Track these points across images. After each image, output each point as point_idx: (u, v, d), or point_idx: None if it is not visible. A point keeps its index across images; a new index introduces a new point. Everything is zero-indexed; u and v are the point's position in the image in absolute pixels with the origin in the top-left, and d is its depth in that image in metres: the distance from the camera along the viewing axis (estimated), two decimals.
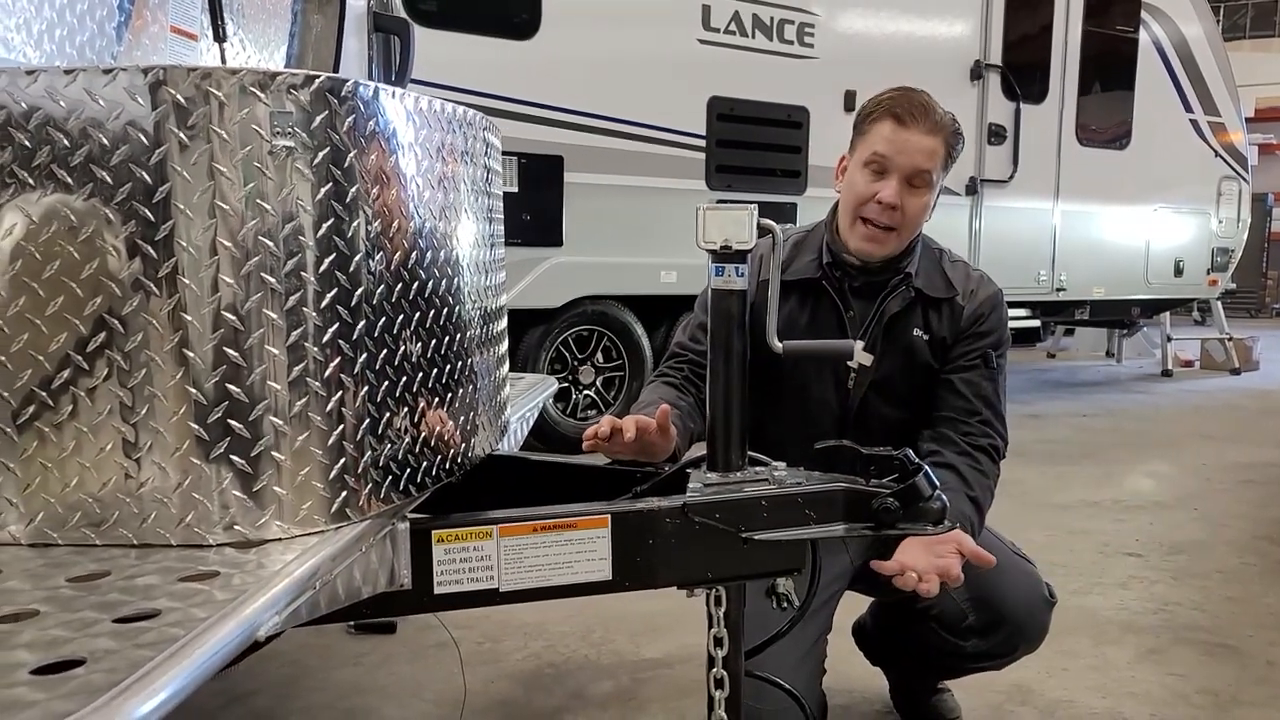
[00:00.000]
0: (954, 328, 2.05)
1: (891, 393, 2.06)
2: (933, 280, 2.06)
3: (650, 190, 5.55)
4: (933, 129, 1.92)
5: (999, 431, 2.02)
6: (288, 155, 1.12)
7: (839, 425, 2.04)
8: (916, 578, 1.60)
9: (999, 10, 6.98)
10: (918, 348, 2.04)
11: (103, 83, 1.06)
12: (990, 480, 1.97)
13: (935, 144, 1.92)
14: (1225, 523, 4.28)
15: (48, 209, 1.07)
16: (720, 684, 1.49)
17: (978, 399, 2.01)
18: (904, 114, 1.90)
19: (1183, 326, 12.22)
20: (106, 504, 1.11)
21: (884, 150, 1.91)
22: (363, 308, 1.19)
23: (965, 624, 1.96)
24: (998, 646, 1.98)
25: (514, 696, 2.50)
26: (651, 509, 1.39)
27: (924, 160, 1.91)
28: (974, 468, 1.94)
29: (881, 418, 2.06)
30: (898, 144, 1.90)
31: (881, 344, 2.03)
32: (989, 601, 1.94)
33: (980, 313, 2.06)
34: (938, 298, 2.04)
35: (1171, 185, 8.38)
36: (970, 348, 2.04)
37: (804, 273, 2.05)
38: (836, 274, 2.05)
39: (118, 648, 0.81)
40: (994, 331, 2.06)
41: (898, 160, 1.91)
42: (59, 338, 1.08)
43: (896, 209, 1.92)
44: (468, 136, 1.45)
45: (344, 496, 1.19)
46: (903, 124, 1.90)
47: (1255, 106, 19.47)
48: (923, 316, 2.04)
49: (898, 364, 2.04)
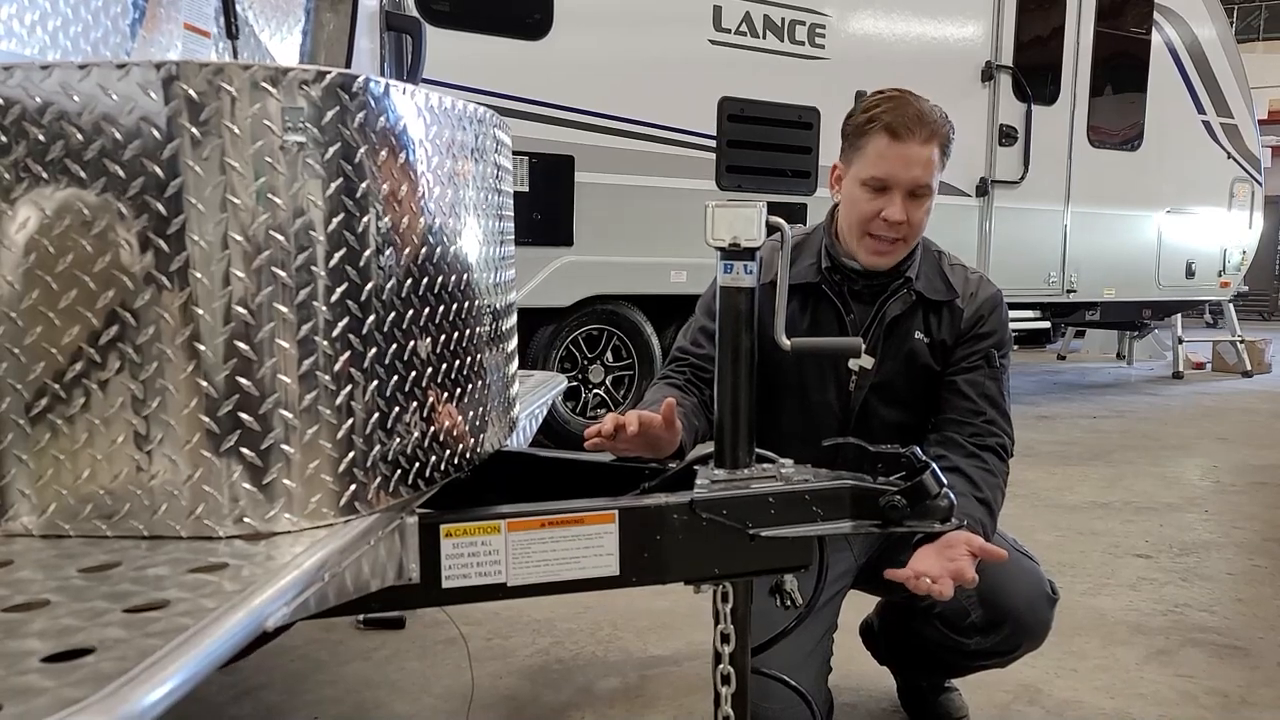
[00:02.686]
0: (955, 330, 2.05)
1: (892, 395, 2.06)
2: (933, 283, 2.06)
3: (661, 190, 5.55)
4: (928, 137, 1.89)
5: (1005, 430, 2.02)
6: (299, 150, 1.13)
7: (841, 428, 2.04)
8: (930, 582, 1.59)
9: (1010, 11, 6.95)
10: (918, 350, 2.04)
11: (116, 78, 1.07)
12: (999, 479, 1.96)
13: (931, 151, 1.90)
14: (1236, 524, 4.26)
15: (61, 203, 1.08)
16: (727, 680, 1.49)
17: (982, 399, 2.02)
18: (899, 127, 1.87)
19: (1194, 329, 12.19)
20: (118, 496, 1.12)
21: (883, 173, 1.90)
22: (372, 302, 1.20)
23: (968, 621, 1.96)
24: (1001, 644, 1.98)
25: (522, 692, 2.51)
26: (659, 505, 1.40)
27: (922, 173, 1.90)
28: (982, 468, 1.94)
29: (882, 420, 2.06)
30: (896, 162, 1.89)
31: (882, 347, 2.03)
32: (992, 598, 1.94)
33: (980, 314, 2.06)
34: (938, 300, 2.05)
35: (1183, 187, 8.33)
36: (972, 349, 2.04)
37: (804, 277, 2.04)
38: (836, 278, 2.05)
39: (127, 637, 0.82)
40: (995, 332, 2.06)
41: (899, 178, 1.90)
42: (72, 331, 1.09)
43: (903, 223, 1.93)
44: (478, 133, 1.46)
45: (353, 490, 1.19)
46: (899, 138, 1.88)
47: (1269, 108, 19.38)
48: (923, 319, 2.05)
49: (899, 367, 2.04)
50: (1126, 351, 11.08)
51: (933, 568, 1.61)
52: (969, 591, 1.85)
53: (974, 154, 6.94)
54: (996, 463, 1.97)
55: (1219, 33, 8.43)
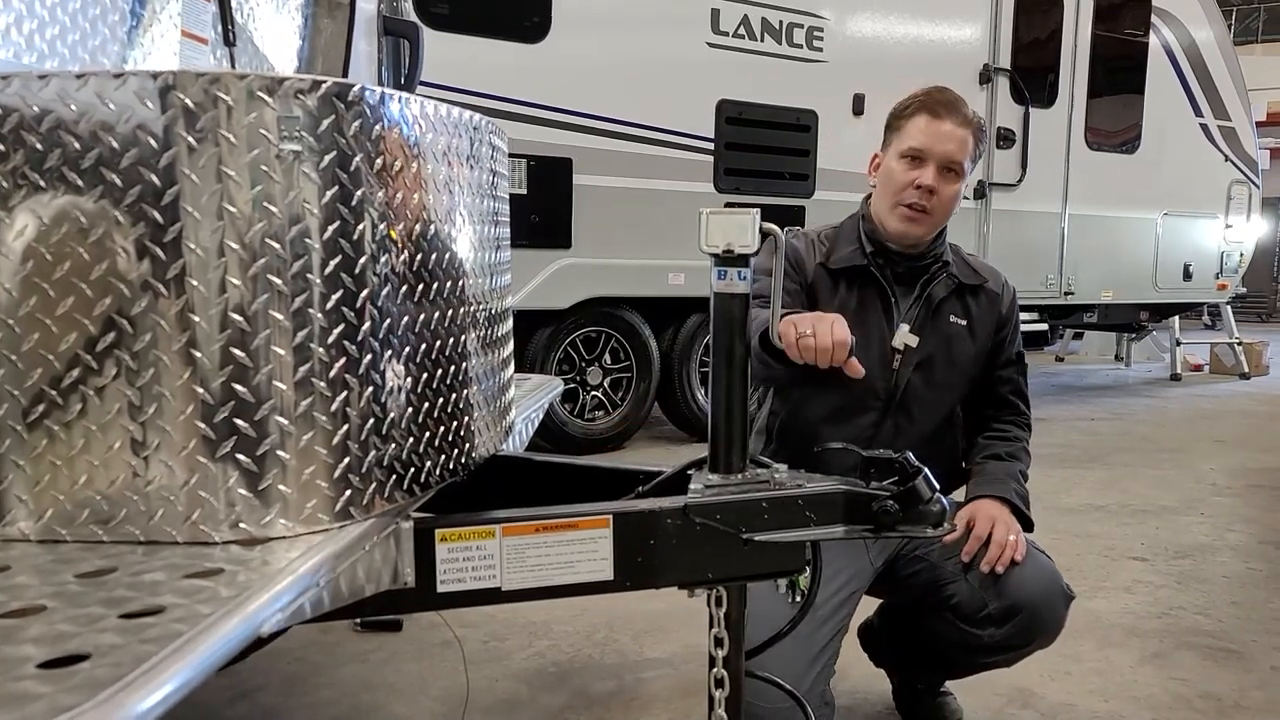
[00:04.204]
0: (995, 316, 2.23)
1: (931, 375, 2.17)
2: (963, 269, 2.21)
3: (659, 193, 5.56)
4: (964, 122, 2.06)
5: (1029, 409, 2.32)
6: (295, 159, 1.13)
7: (883, 407, 2.14)
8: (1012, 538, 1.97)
9: (1008, 14, 6.97)
10: (956, 331, 2.19)
11: (113, 87, 1.08)
12: (1029, 456, 2.26)
13: (966, 135, 2.06)
14: (1232, 527, 4.27)
15: (58, 211, 1.09)
16: (720, 684, 1.50)
17: (1016, 395, 2.29)
18: (937, 107, 2.05)
19: (1193, 331, 12.20)
20: (114, 501, 1.12)
21: (920, 143, 2.05)
22: (368, 309, 1.21)
23: (984, 613, 1.98)
24: (1014, 637, 1.99)
25: (518, 695, 2.52)
26: (653, 509, 1.41)
27: (956, 150, 2.05)
28: (1023, 449, 2.24)
29: (921, 400, 2.16)
30: (932, 135, 2.05)
31: (928, 327, 2.15)
32: (1008, 589, 1.98)
33: (1013, 310, 2.28)
34: (974, 284, 2.21)
35: (1181, 189, 8.35)
36: (1008, 349, 2.27)
37: (850, 260, 2.15)
38: (880, 260, 2.16)
39: (123, 643, 0.83)
40: (1017, 325, 2.31)
41: (934, 150, 2.04)
42: (69, 337, 1.10)
43: (934, 192, 2.05)
44: (473, 140, 1.46)
45: (348, 495, 1.20)
46: (937, 116, 2.05)
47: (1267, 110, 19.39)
48: (961, 303, 2.20)
49: (940, 347, 2.16)
50: (1125, 353, 11.09)
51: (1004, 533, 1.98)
52: (987, 583, 1.97)
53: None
54: (1028, 437, 2.28)
55: (1216, 35, 8.45)
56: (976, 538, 2.00)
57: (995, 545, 1.98)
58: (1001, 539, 1.98)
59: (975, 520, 2.02)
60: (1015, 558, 1.97)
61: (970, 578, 2.00)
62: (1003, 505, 2.06)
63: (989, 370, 2.25)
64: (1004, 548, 1.97)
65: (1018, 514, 2.07)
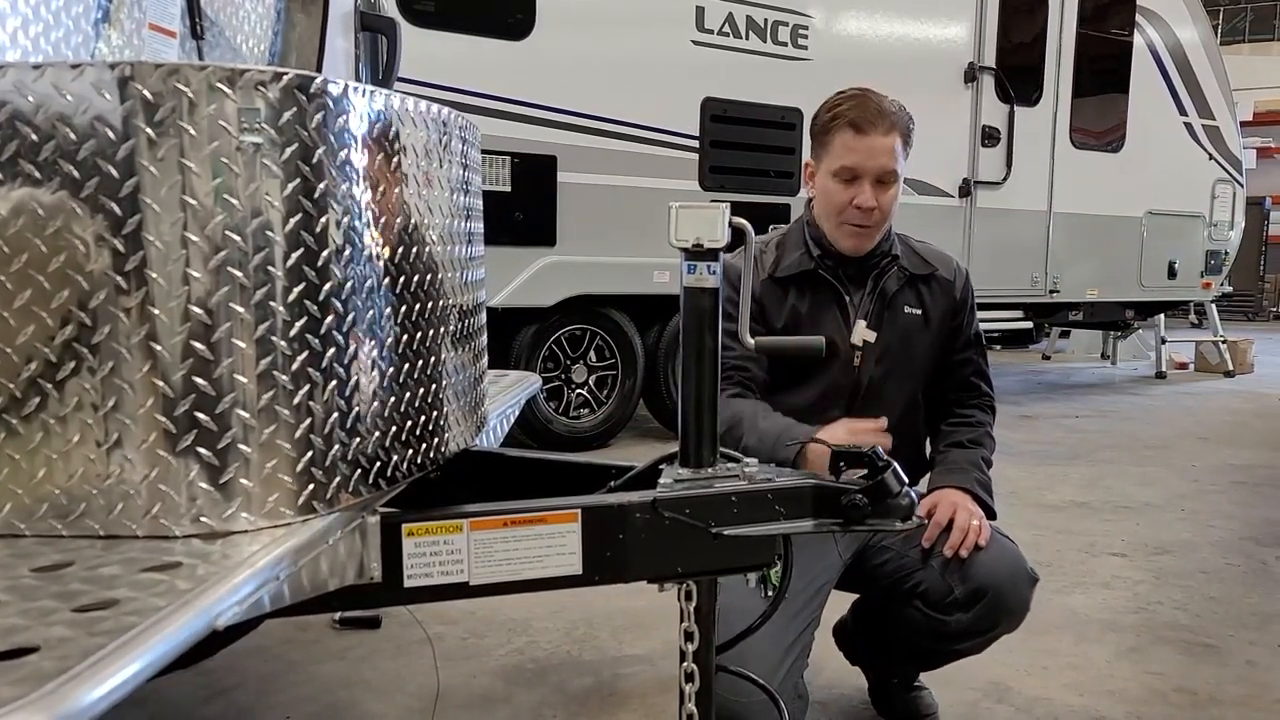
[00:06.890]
0: (949, 303, 2.24)
1: (892, 368, 2.18)
2: (911, 260, 2.22)
3: (644, 190, 5.56)
4: (889, 128, 2.03)
5: (992, 390, 2.35)
6: (256, 151, 1.13)
7: (848, 403, 2.16)
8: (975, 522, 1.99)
9: (993, 13, 6.99)
10: (912, 321, 2.20)
11: (70, 78, 1.07)
12: (994, 441, 2.30)
13: (893, 141, 2.04)
14: (1213, 523, 4.29)
15: (16, 203, 1.08)
16: (691, 678, 1.50)
17: (977, 377, 2.31)
18: (861, 121, 2.02)
19: (1179, 329, 12.26)
20: (74, 496, 1.12)
21: (850, 161, 2.04)
22: (331, 302, 1.20)
23: (950, 598, 1.99)
24: (980, 620, 2.00)
25: (495, 691, 2.51)
26: (621, 504, 1.40)
27: (888, 160, 2.04)
28: (986, 435, 2.27)
29: (884, 392, 2.18)
30: (862, 153, 2.03)
31: (882, 321, 2.17)
32: (972, 573, 1.99)
33: (967, 293, 2.28)
34: (923, 274, 2.22)
35: (1165, 188, 8.38)
36: (965, 332, 2.28)
37: (799, 265, 2.17)
38: (828, 263, 2.17)
39: (72, 636, 0.83)
40: (973, 308, 2.31)
41: (867, 166, 2.04)
42: (27, 330, 1.09)
43: (875, 209, 2.05)
44: (443, 135, 1.46)
45: (311, 489, 1.20)
46: (862, 131, 2.02)
47: (1254, 110, 19.49)
48: (914, 292, 2.21)
49: (897, 338, 2.18)
50: (1110, 352, 11.13)
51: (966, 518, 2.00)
52: (952, 568, 2.00)
53: (957, 155, 6.97)
54: (991, 420, 2.31)
55: (1201, 35, 8.49)
56: (936, 524, 2.02)
57: (957, 530, 1.99)
58: (964, 524, 2.00)
59: (936, 508, 2.04)
60: (980, 542, 1.99)
61: (934, 564, 2.01)
62: (964, 494, 2.08)
63: (948, 354, 2.27)
64: (966, 532, 1.99)
65: (981, 503, 2.09)
